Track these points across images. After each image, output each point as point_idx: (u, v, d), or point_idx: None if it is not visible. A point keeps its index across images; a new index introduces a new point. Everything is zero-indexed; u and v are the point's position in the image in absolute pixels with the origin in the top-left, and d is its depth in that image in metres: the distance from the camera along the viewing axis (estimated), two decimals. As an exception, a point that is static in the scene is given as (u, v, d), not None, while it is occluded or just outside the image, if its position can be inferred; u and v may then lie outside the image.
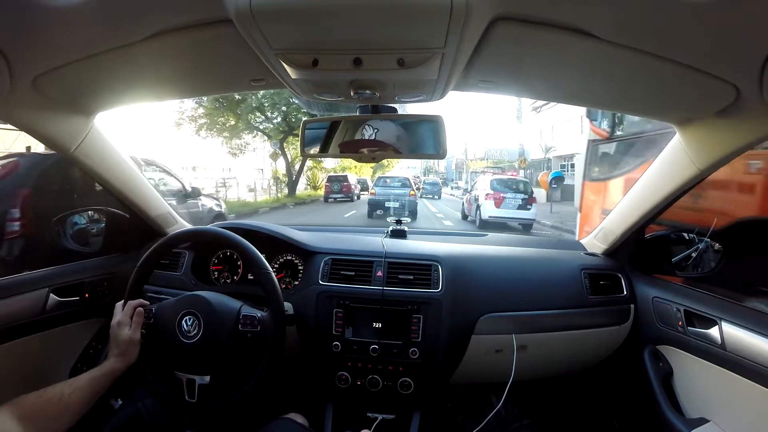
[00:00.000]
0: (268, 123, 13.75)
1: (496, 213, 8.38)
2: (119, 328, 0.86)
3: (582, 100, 1.04)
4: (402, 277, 1.11)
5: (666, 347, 1.09)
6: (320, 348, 1.08)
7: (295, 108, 11.75)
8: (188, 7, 0.56)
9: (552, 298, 1.14)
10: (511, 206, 8.40)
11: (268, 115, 13.29)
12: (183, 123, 13.23)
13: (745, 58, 0.56)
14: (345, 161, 14.32)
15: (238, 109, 12.52)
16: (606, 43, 0.57)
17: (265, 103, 12.36)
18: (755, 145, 0.78)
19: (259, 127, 13.95)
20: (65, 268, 1.11)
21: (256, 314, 0.89)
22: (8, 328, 0.92)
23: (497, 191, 8.59)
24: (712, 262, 1.13)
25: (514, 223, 8.50)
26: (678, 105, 0.80)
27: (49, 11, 0.52)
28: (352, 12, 0.51)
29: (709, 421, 0.94)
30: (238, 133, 14.04)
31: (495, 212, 8.38)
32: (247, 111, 12.61)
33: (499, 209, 8.38)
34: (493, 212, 8.39)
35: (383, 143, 0.88)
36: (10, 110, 0.80)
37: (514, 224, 8.50)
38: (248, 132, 14.15)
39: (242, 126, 13.51)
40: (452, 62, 0.64)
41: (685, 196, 1.01)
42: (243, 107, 12.41)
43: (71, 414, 0.73)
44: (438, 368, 1.08)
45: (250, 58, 0.65)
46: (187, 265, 1.20)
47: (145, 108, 7.33)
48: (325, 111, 1.02)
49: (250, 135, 14.45)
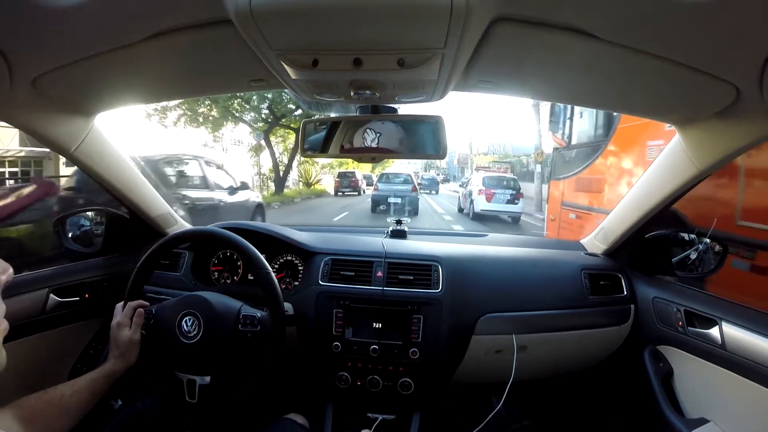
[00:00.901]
0: (250, 112, 12.44)
1: (487, 207, 9.39)
2: (119, 329, 0.86)
3: (582, 100, 1.04)
4: (402, 278, 1.11)
5: (666, 347, 1.09)
6: (320, 348, 1.08)
7: (279, 94, 10.86)
8: (188, 7, 0.56)
9: (552, 298, 1.14)
10: (500, 201, 9.39)
11: (250, 104, 12.05)
12: (164, 114, 11.87)
13: (745, 58, 0.56)
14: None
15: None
16: (606, 44, 0.57)
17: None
18: (755, 145, 0.78)
19: (242, 116, 12.58)
20: (65, 268, 1.11)
21: (256, 314, 0.89)
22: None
23: (488, 187, 9.57)
24: (712, 263, 1.13)
25: (504, 216, 9.57)
26: (678, 105, 0.80)
27: (49, 11, 0.52)
28: (352, 12, 0.51)
29: (709, 421, 0.93)
30: (219, 124, 12.54)
31: (486, 206, 9.40)
32: (224, 97, 11.06)
33: (490, 203, 9.39)
34: (485, 206, 9.40)
35: (383, 143, 0.88)
36: (10, 111, 0.80)
37: (504, 217, 9.59)
38: (230, 121, 12.65)
39: (220, 113, 11.97)
40: (452, 62, 0.64)
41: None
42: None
43: (72, 415, 0.73)
44: (438, 368, 1.08)
45: (250, 58, 0.65)
46: (187, 265, 1.20)
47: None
48: (324, 111, 1.02)
49: (233, 125, 13.11)
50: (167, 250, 1.00)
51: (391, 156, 0.90)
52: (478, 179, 10.22)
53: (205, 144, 13.11)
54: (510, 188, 9.64)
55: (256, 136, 12.92)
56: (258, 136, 12.86)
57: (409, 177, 10.77)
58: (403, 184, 10.36)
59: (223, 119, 12.52)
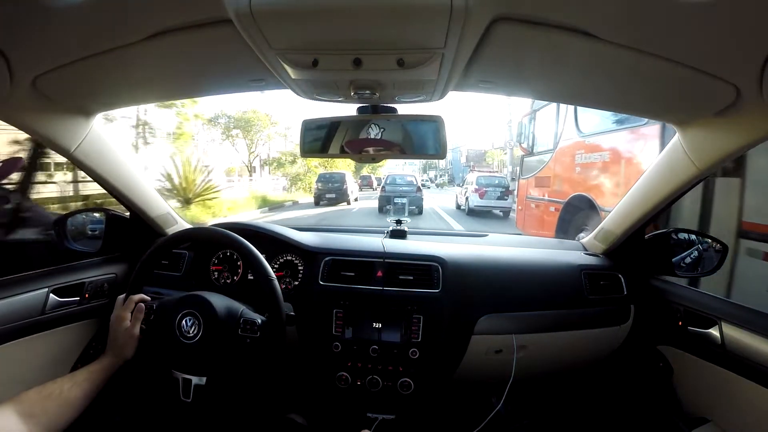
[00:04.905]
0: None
1: (481, 203, 10.84)
2: (118, 323, 0.86)
3: (582, 100, 1.04)
4: (402, 278, 1.11)
5: (666, 347, 1.09)
6: (320, 348, 1.08)
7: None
8: (188, 7, 0.56)
9: (552, 298, 1.14)
10: (492, 197, 10.87)
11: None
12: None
13: (745, 58, 0.56)
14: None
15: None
16: (606, 43, 0.57)
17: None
18: (755, 145, 0.78)
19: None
20: (65, 268, 1.10)
21: (256, 320, 0.88)
22: (8, 328, 0.92)
23: (481, 186, 11.00)
24: (712, 262, 1.13)
25: (496, 211, 11.02)
26: (678, 105, 0.80)
27: (49, 11, 0.52)
28: (351, 12, 0.51)
29: (709, 421, 0.94)
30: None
31: (480, 202, 10.85)
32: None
33: (483, 200, 10.85)
34: (479, 202, 10.86)
35: (383, 143, 0.88)
36: (10, 110, 0.80)
37: (496, 212, 11.04)
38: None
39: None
40: (452, 62, 0.64)
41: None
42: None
43: (72, 409, 0.74)
44: (438, 368, 1.08)
45: (250, 58, 0.65)
46: (187, 265, 1.20)
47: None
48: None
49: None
50: (167, 250, 1.00)
51: (391, 156, 0.90)
52: (472, 179, 11.71)
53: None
54: (500, 186, 11.09)
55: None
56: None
57: (413, 178, 11.89)
58: (408, 185, 11.44)
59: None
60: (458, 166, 35.79)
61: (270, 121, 18.81)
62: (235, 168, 18.95)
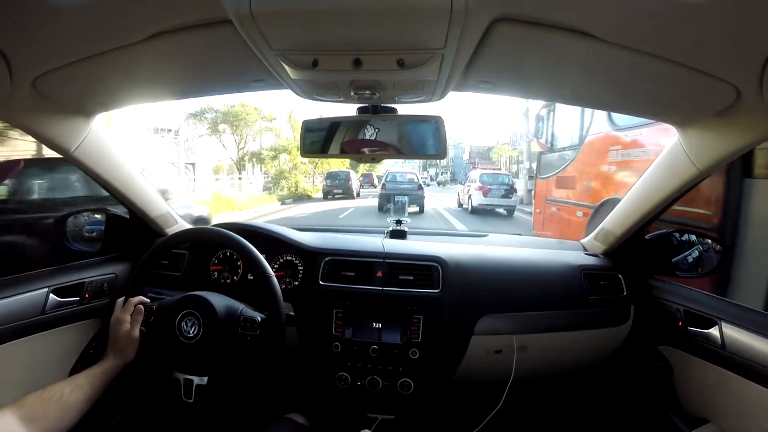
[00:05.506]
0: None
1: (484, 201, 10.53)
2: (118, 325, 0.86)
3: (582, 100, 1.04)
4: (402, 278, 1.11)
5: (666, 347, 1.09)
6: (320, 348, 1.08)
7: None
8: (188, 7, 0.56)
9: (552, 298, 1.14)
10: (496, 195, 10.57)
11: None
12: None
13: (745, 58, 0.56)
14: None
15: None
16: (606, 44, 0.57)
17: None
18: (755, 145, 0.78)
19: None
20: (65, 268, 1.10)
21: (256, 318, 0.89)
22: (8, 328, 0.92)
23: (485, 184, 10.69)
24: (712, 262, 1.13)
25: (500, 209, 10.75)
26: (678, 105, 0.80)
27: (49, 11, 0.52)
28: (351, 13, 0.51)
29: (709, 421, 0.94)
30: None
31: (483, 200, 10.53)
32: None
33: (487, 198, 10.54)
34: (482, 201, 10.54)
35: (384, 143, 0.88)
36: (10, 111, 0.80)
37: (500, 210, 10.79)
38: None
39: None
40: (452, 63, 0.64)
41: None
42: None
43: (72, 412, 0.73)
44: (438, 368, 1.08)
45: (250, 58, 0.65)
46: (187, 265, 1.20)
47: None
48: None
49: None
50: (167, 250, 1.00)
51: (391, 156, 0.90)
52: (476, 176, 11.44)
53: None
54: (504, 184, 10.82)
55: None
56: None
57: (414, 176, 11.67)
58: (409, 183, 11.30)
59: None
60: (460, 163, 35.15)
61: (260, 115, 17.31)
62: (223, 165, 17.72)
